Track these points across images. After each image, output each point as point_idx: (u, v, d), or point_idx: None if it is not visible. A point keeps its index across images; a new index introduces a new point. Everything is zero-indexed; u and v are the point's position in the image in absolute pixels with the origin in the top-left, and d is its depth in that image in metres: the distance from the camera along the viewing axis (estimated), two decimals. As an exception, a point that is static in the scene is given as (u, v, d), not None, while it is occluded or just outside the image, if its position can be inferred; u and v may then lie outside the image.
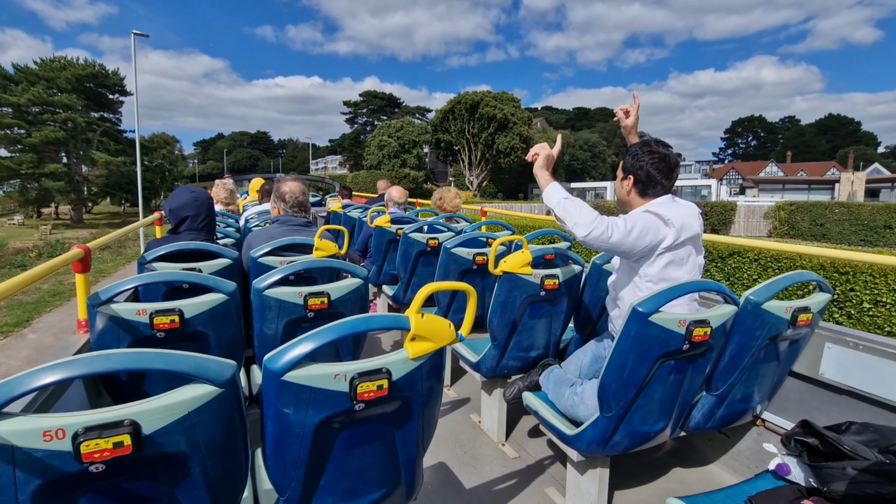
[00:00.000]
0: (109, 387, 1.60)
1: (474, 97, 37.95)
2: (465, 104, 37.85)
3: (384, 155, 42.62)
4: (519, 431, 2.60)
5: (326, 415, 1.06)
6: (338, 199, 6.68)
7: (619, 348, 1.53)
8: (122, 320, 1.51)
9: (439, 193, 4.19)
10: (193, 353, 0.92)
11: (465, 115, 37.97)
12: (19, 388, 0.77)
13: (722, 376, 1.79)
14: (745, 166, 56.99)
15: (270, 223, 2.79)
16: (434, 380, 1.24)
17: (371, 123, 65.78)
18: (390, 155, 42.37)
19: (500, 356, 2.32)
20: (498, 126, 36.98)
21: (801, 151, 72.03)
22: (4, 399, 0.76)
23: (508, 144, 36.83)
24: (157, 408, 0.86)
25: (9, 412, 0.79)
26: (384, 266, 3.98)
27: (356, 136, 67.00)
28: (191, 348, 1.65)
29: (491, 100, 37.81)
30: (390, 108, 67.31)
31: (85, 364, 0.82)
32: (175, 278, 1.76)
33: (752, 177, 47.20)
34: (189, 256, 2.25)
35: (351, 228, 5.07)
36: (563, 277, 2.20)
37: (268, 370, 1.02)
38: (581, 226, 1.64)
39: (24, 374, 0.79)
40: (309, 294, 1.79)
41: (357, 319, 1.08)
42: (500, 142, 36.99)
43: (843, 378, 1.82)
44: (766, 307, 1.65)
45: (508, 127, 37.27)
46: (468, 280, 2.87)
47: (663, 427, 1.75)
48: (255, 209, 4.59)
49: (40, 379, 0.78)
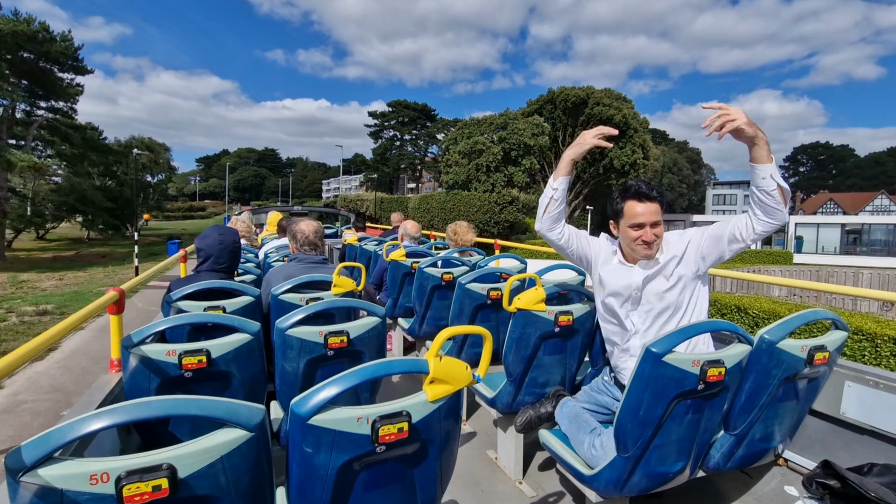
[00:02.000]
0: (139, 427, 1.66)
1: (577, 93, 28.29)
2: (561, 102, 27.93)
3: (479, 168, 26.88)
4: (535, 468, 2.57)
5: (349, 457, 1.10)
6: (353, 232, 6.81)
7: (634, 388, 1.54)
8: (152, 361, 1.58)
9: (453, 228, 4.27)
10: (225, 399, 0.98)
11: (562, 117, 28.29)
12: (70, 435, 0.83)
13: (740, 415, 1.78)
14: (845, 198, 49.74)
15: (289, 260, 2.89)
16: (452, 419, 1.27)
17: (399, 137, 59.07)
18: (489, 167, 26.72)
19: (515, 392, 2.33)
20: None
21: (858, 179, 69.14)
22: (56, 446, 0.82)
23: (629, 160, 27.30)
24: (193, 452, 0.91)
25: (55, 456, 0.84)
26: (399, 299, 4.04)
27: (383, 151, 59.55)
28: (216, 386, 1.73)
29: (602, 96, 28.16)
30: (423, 119, 58.60)
31: (129, 411, 0.88)
32: (203, 320, 1.84)
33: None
34: (213, 294, 2.34)
35: (367, 261, 5.17)
36: (576, 314, 2.23)
37: (294, 414, 1.06)
38: None
39: (73, 422, 0.85)
40: (329, 333, 1.85)
41: (378, 365, 1.13)
42: (617, 155, 27.44)
43: (865, 417, 1.80)
44: (781, 346, 1.65)
45: (627, 135, 27.44)
46: (483, 315, 2.90)
47: (682, 467, 1.74)
48: (274, 243, 4.71)
49: (88, 426, 0.84)
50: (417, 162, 60.17)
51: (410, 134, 58.46)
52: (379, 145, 60.01)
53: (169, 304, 2.26)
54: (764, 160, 1.58)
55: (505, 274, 3.05)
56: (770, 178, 1.59)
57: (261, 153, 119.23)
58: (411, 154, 59.78)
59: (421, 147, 59.26)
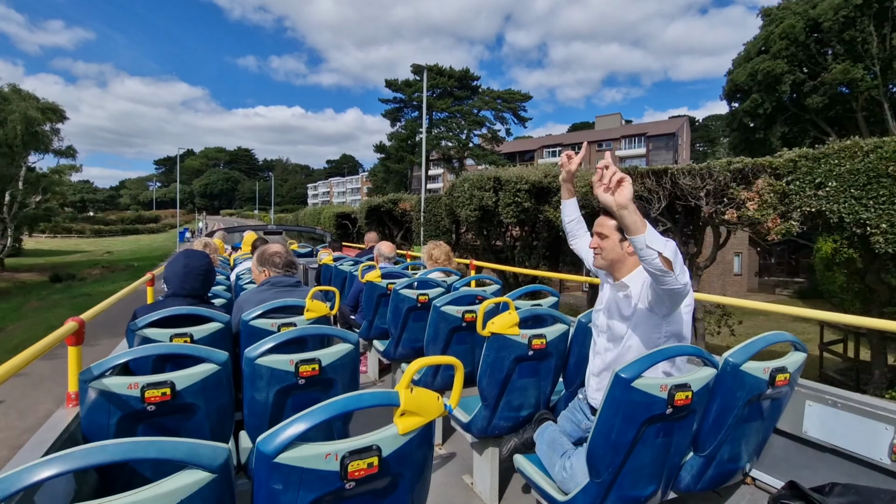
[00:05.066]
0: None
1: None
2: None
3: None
4: (512, 493, 2.55)
5: (317, 495, 1.07)
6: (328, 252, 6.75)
7: (605, 414, 1.56)
8: (113, 395, 1.51)
9: (428, 251, 4.28)
10: (187, 440, 0.95)
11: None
12: (16, 485, 0.79)
13: (708, 437, 1.82)
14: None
15: (260, 285, 2.83)
16: (424, 448, 1.26)
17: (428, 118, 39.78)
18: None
19: (490, 416, 2.32)
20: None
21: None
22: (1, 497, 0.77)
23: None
24: (150, 498, 0.87)
25: None
26: (374, 320, 4.00)
27: (407, 137, 41.51)
28: (181, 420, 1.67)
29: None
30: (463, 91, 41.65)
31: (83, 457, 0.84)
32: (167, 351, 1.78)
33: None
34: (180, 320, 2.27)
35: (342, 281, 5.11)
36: (549, 336, 2.25)
37: (260, 452, 1.04)
38: (686, 271, 1.53)
39: (20, 471, 0.80)
40: (300, 361, 1.81)
41: (347, 399, 1.12)
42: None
43: (826, 436, 1.86)
44: (745, 368, 1.70)
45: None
46: (458, 337, 2.90)
47: (654, 490, 1.76)
48: (247, 265, 4.62)
49: (37, 475, 0.80)
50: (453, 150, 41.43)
51: (448, 110, 40.56)
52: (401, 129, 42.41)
53: (133, 332, 2.18)
54: (639, 230, 1.48)
55: (480, 296, 3.07)
56: (647, 248, 1.48)
57: (233, 153, 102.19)
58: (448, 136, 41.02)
59: (462, 127, 41.12)
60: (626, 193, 1.46)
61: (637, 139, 50.14)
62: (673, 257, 1.47)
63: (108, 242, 38.20)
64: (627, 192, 1.46)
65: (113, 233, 49.54)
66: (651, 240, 1.47)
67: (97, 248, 29.16)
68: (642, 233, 1.47)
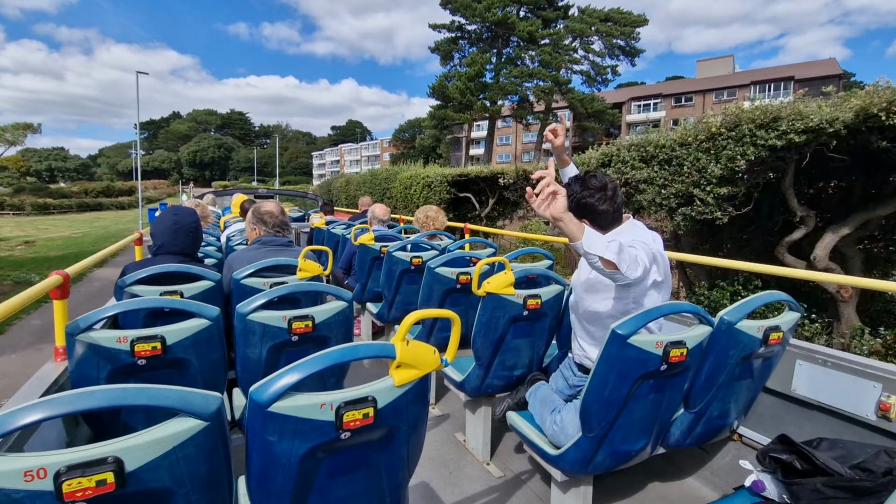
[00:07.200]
0: (88, 417, 1.57)
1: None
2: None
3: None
4: (504, 449, 2.61)
5: (312, 445, 1.06)
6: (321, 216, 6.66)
7: (600, 370, 1.56)
8: (101, 349, 1.48)
9: (423, 211, 4.22)
10: (177, 387, 0.92)
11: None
12: (2, 429, 0.76)
13: (699, 394, 1.84)
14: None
15: (251, 244, 2.78)
16: (420, 404, 1.25)
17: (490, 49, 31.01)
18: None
19: (484, 375, 2.34)
20: None
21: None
22: None
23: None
24: (141, 444, 0.86)
25: None
26: (368, 283, 3.98)
27: (475, 75, 30.34)
28: (173, 375, 1.65)
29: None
30: (551, 10, 31.53)
31: (68, 402, 0.81)
32: (157, 304, 1.74)
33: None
34: (170, 278, 2.22)
35: (334, 245, 5.06)
36: (545, 297, 2.24)
37: (253, 401, 1.02)
38: (638, 265, 1.53)
39: (3, 415, 0.78)
40: (293, 318, 1.79)
41: (343, 349, 1.10)
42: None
43: (814, 394, 1.89)
44: (740, 327, 1.71)
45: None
46: (452, 299, 2.89)
47: (644, 445, 1.79)
48: (237, 227, 4.55)
49: (22, 419, 0.78)
50: (523, 98, 31.79)
51: (535, 36, 30.11)
52: (456, 64, 31.77)
53: (122, 289, 2.14)
54: (576, 237, 1.50)
55: (474, 258, 3.04)
56: (588, 253, 1.51)
57: (225, 118, 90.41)
58: (539, 73, 30.22)
59: (554, 60, 30.37)
60: (559, 206, 1.48)
61: (775, 85, 35.84)
62: (617, 256, 1.48)
63: (51, 223, 26.05)
64: (561, 205, 1.48)
65: (66, 209, 35.46)
66: (591, 245, 1.50)
67: (18, 235, 19.55)
68: (580, 240, 1.50)
